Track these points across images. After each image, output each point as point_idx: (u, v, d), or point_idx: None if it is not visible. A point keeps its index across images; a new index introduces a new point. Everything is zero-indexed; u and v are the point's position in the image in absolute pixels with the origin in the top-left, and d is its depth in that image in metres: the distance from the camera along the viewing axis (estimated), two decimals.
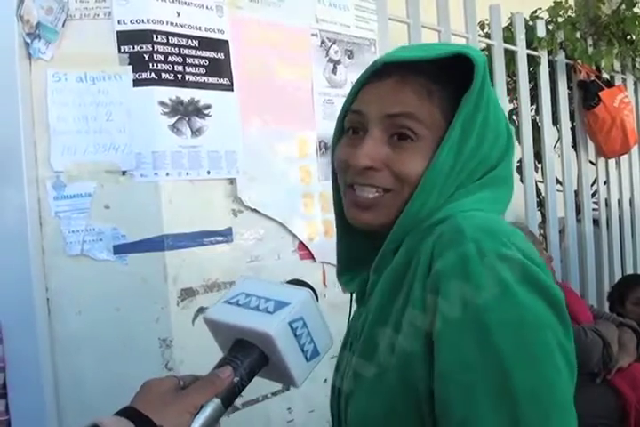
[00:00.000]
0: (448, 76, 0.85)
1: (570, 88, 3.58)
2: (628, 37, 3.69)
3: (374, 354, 0.84)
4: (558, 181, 3.46)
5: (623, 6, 3.63)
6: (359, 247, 0.95)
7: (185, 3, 1.51)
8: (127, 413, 0.72)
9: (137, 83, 1.44)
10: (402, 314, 0.81)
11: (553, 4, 3.50)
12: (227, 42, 1.59)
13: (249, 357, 0.80)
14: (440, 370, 0.75)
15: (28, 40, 1.41)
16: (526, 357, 0.73)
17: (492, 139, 0.87)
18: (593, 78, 3.50)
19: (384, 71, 0.87)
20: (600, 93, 3.47)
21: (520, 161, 3.07)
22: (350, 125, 0.90)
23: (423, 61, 0.84)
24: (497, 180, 0.89)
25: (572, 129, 3.63)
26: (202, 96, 1.52)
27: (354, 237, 0.96)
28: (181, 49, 1.50)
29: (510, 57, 3.13)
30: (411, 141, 0.85)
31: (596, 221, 3.70)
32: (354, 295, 0.98)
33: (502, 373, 0.72)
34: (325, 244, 1.79)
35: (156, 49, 1.45)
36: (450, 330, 0.75)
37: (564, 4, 3.51)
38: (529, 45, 3.21)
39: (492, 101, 0.86)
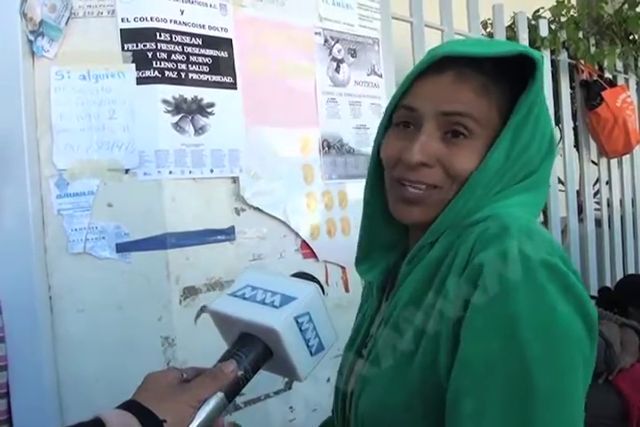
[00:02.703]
0: (506, 74, 0.84)
1: (572, 88, 3.59)
2: (631, 37, 3.69)
3: (400, 344, 0.83)
4: (560, 181, 3.46)
5: (626, 6, 3.63)
6: (385, 237, 0.94)
7: (189, 1, 1.50)
8: (130, 406, 0.72)
9: (140, 81, 1.44)
10: (432, 307, 0.80)
11: (555, 4, 3.50)
12: (230, 40, 1.58)
13: (253, 351, 0.80)
14: (460, 358, 0.75)
15: (32, 38, 1.40)
16: (551, 364, 0.72)
17: (539, 140, 0.86)
18: (595, 78, 3.50)
19: (440, 65, 0.84)
20: (602, 93, 3.47)
21: None
22: (401, 120, 0.88)
23: (483, 58, 0.82)
24: (537, 183, 0.88)
25: (575, 129, 3.63)
26: (205, 94, 1.52)
27: (381, 227, 0.94)
28: (185, 47, 1.49)
29: None
30: (464, 138, 0.84)
31: (597, 221, 3.70)
32: (369, 285, 0.98)
33: (524, 374, 0.71)
34: (328, 243, 1.79)
35: (159, 47, 1.45)
36: (480, 321, 0.74)
37: (566, 3, 3.51)
38: (531, 45, 3.21)
39: (543, 104, 0.86)
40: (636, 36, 3.68)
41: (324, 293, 0.84)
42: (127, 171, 1.44)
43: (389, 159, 0.88)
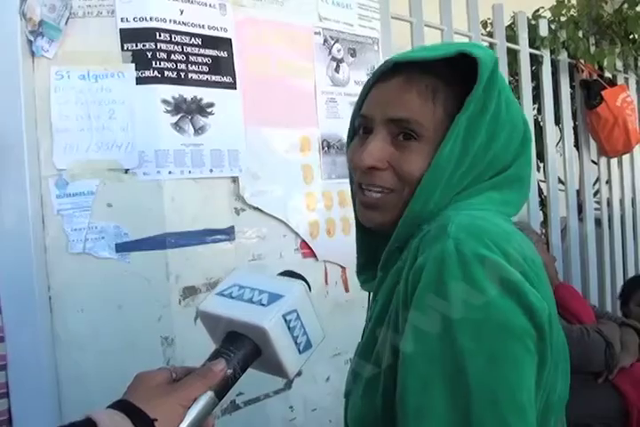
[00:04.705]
0: (457, 75, 0.85)
1: (572, 87, 3.59)
2: (631, 36, 3.68)
3: (372, 353, 0.84)
4: (560, 181, 3.46)
5: (625, 5, 3.62)
6: (377, 248, 0.95)
7: (188, 1, 1.50)
8: (121, 406, 0.72)
9: (140, 81, 1.44)
10: (396, 313, 0.81)
11: (555, 3, 3.50)
12: (230, 40, 1.58)
13: (242, 349, 0.80)
14: (403, 358, 0.76)
15: (31, 38, 1.40)
16: (485, 357, 0.73)
17: (505, 137, 0.86)
18: (595, 77, 3.50)
19: (392, 72, 0.87)
20: (602, 93, 3.46)
21: None
22: (359, 127, 0.91)
23: (430, 61, 0.84)
24: (510, 180, 0.88)
25: (575, 128, 3.63)
26: (205, 94, 1.52)
27: (372, 238, 0.97)
28: (184, 47, 1.49)
29: (513, 56, 3.13)
30: (415, 141, 0.85)
31: (597, 221, 3.70)
32: (371, 295, 0.99)
33: (459, 369, 0.72)
34: (327, 243, 1.79)
35: (159, 47, 1.45)
36: (417, 321, 0.75)
37: (566, 3, 3.51)
38: (531, 44, 3.21)
39: (504, 99, 0.86)
40: (636, 36, 3.68)
41: (310, 290, 0.85)
42: (127, 171, 1.44)
43: (350, 166, 0.92)
